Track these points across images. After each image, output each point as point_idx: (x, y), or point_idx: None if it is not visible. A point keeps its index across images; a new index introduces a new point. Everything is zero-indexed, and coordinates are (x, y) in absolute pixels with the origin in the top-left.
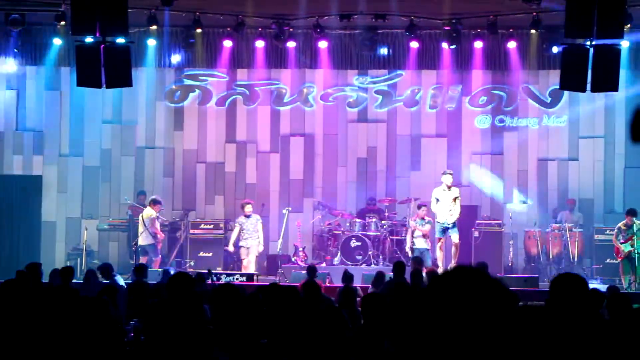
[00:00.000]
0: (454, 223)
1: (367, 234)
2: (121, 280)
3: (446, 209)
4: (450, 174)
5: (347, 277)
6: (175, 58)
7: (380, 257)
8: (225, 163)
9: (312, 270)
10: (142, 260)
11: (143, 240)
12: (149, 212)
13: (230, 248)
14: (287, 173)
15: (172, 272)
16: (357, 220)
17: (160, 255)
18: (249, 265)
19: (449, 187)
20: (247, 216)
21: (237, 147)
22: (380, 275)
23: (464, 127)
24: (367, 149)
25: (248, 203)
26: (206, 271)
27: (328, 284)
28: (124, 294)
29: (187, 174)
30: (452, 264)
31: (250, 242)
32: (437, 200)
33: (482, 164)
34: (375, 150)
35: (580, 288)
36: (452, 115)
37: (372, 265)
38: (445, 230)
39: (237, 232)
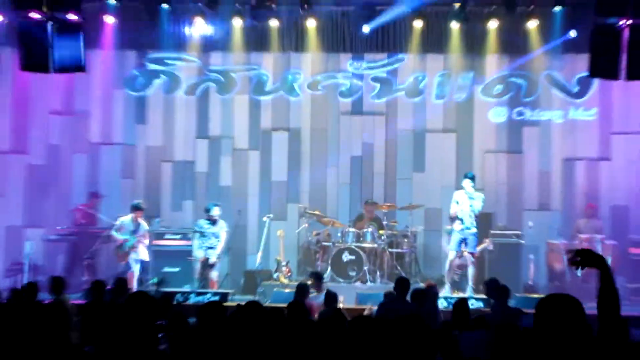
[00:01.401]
0: (475, 233)
1: (362, 245)
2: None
3: (466, 216)
4: (474, 178)
5: (330, 297)
6: (137, 38)
7: (378, 273)
8: (195, 162)
9: (302, 289)
10: (131, 276)
11: (144, 254)
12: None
13: (195, 257)
14: (269, 174)
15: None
16: (351, 229)
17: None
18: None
19: (471, 192)
20: (213, 221)
21: (209, 143)
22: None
23: (476, 120)
24: (362, 146)
25: (216, 205)
26: (161, 288)
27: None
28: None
29: (150, 175)
30: (469, 287)
31: (211, 252)
32: (457, 203)
33: (497, 163)
34: (371, 147)
35: (571, 313)
36: (462, 107)
37: (368, 283)
38: (463, 241)
39: (197, 239)
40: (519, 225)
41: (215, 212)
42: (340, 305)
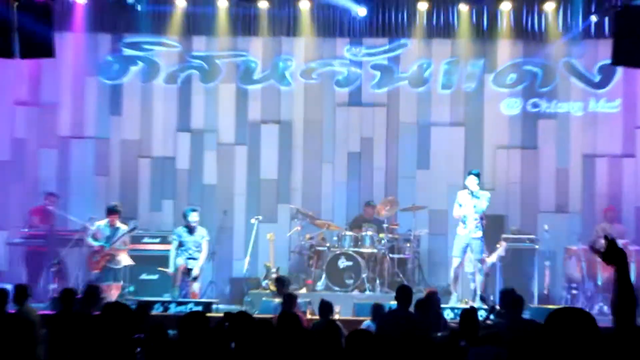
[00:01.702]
0: (481, 237)
1: (361, 250)
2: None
3: (469, 218)
4: (478, 175)
5: (325, 308)
6: (112, 21)
7: (377, 281)
8: (176, 158)
9: (290, 298)
10: (115, 288)
11: (127, 260)
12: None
13: (171, 269)
14: (257, 171)
15: None
16: (348, 233)
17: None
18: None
19: (474, 191)
20: (191, 229)
21: (192, 137)
22: (377, 307)
23: (487, 113)
24: (360, 140)
25: (194, 210)
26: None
27: (310, 316)
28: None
29: (126, 172)
30: (478, 294)
31: (193, 263)
32: (460, 206)
33: (509, 160)
34: (371, 142)
35: (582, 329)
36: (471, 98)
37: (367, 292)
38: (467, 247)
39: (175, 249)
40: (533, 229)
41: (193, 217)
42: (336, 317)
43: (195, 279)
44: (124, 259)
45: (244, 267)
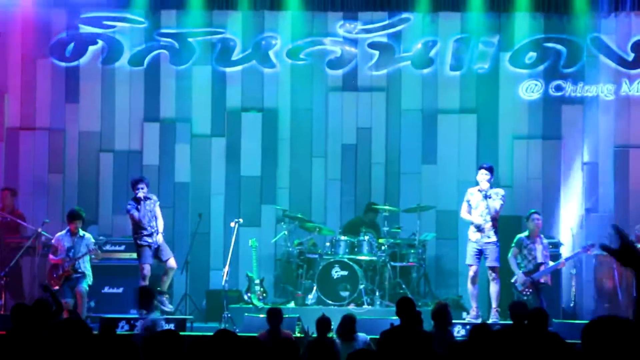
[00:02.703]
0: (495, 242)
1: (358, 258)
2: None
3: (481, 220)
4: (489, 169)
5: (323, 324)
6: None
7: (377, 293)
8: (143, 152)
9: (274, 314)
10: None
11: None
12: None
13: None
14: (237, 167)
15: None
16: (343, 238)
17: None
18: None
19: (484, 189)
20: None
21: (161, 128)
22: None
23: (503, 97)
24: (357, 131)
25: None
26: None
27: (299, 334)
28: None
29: (85, 169)
30: (494, 309)
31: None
32: (469, 204)
33: (529, 152)
34: (369, 132)
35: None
36: (484, 81)
37: (365, 306)
38: (481, 253)
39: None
40: (556, 232)
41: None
42: (331, 334)
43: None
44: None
45: (222, 278)
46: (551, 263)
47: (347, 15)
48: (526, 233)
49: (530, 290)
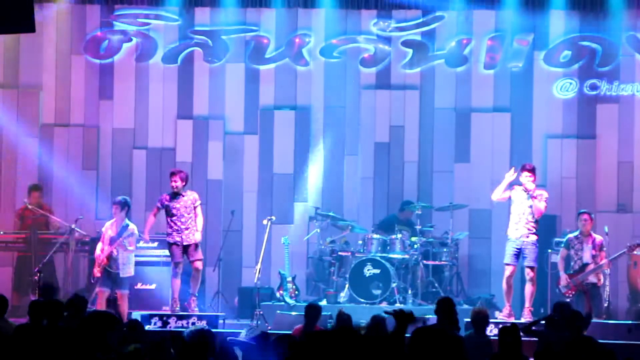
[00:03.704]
0: (535, 242)
1: (390, 257)
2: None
3: (523, 219)
4: (532, 170)
5: (341, 320)
6: None
7: (410, 291)
8: (176, 149)
9: (312, 311)
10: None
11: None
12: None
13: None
14: (270, 165)
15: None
16: (375, 236)
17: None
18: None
19: (530, 190)
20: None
21: (194, 125)
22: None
23: (537, 96)
24: (389, 129)
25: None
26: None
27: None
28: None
29: (118, 165)
30: (526, 308)
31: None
32: (512, 201)
33: (563, 151)
34: (402, 131)
35: None
36: (518, 79)
37: (397, 304)
38: (519, 252)
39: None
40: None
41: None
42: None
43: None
44: (127, 268)
45: (254, 275)
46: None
47: (380, 13)
48: (576, 233)
49: (573, 292)
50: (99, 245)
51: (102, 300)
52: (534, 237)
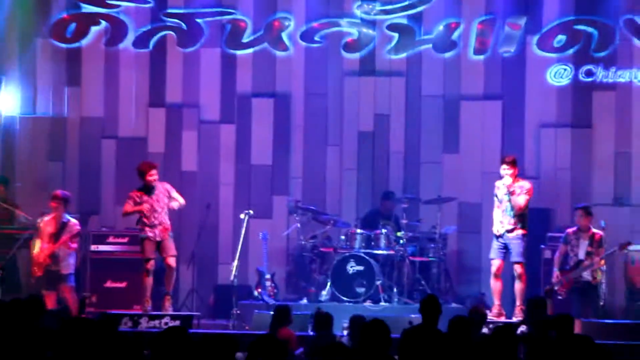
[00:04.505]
0: (520, 236)
1: (375, 252)
2: None
3: (506, 215)
4: (510, 162)
5: (320, 320)
6: None
7: (395, 289)
8: (148, 139)
9: (282, 312)
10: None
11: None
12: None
13: None
14: (248, 156)
15: None
16: (359, 231)
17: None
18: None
19: (510, 182)
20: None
21: (167, 113)
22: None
23: (530, 83)
24: (374, 117)
25: None
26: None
27: (312, 332)
28: None
29: (86, 156)
30: (517, 307)
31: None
32: (496, 198)
33: (557, 141)
34: (387, 120)
35: None
36: (510, 65)
37: (382, 303)
38: (505, 247)
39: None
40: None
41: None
42: (344, 333)
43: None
44: (66, 264)
45: (231, 273)
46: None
47: None
48: (574, 228)
49: (565, 289)
50: (37, 243)
51: (52, 304)
52: (519, 232)
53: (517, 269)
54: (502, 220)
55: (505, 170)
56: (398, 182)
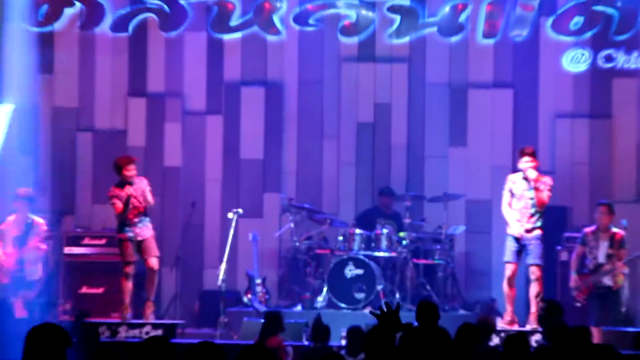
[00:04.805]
0: (539, 237)
1: (375, 255)
2: None
3: (525, 212)
4: (532, 154)
5: (319, 330)
6: None
7: (398, 294)
8: (127, 131)
9: (273, 319)
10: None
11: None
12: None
13: None
14: (237, 149)
15: None
16: (358, 231)
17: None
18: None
19: (530, 178)
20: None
21: (148, 103)
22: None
23: (544, 69)
24: (374, 107)
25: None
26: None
27: (307, 342)
28: None
29: (60, 150)
30: (532, 314)
31: None
32: (512, 194)
33: (574, 133)
34: (388, 109)
35: None
36: (522, 50)
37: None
38: (520, 250)
39: None
40: None
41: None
42: (342, 343)
43: None
44: (33, 270)
45: (218, 277)
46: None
47: None
48: (592, 227)
49: (584, 296)
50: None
51: (20, 312)
52: (538, 232)
53: (535, 272)
54: (520, 219)
55: (528, 163)
56: (400, 177)
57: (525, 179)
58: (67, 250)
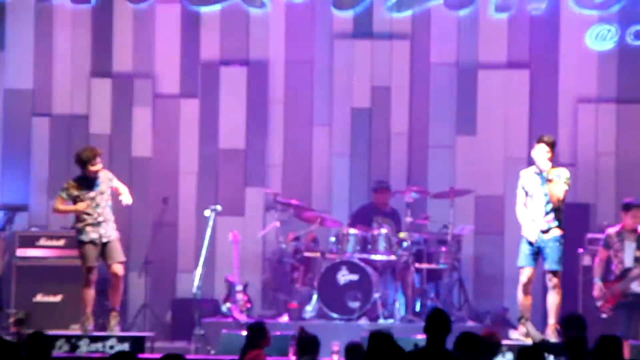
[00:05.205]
0: (558, 238)
1: (371, 258)
2: None
3: (539, 211)
4: (551, 144)
5: (305, 343)
6: None
7: (397, 304)
8: (90, 117)
9: (256, 331)
10: None
11: None
12: None
13: None
14: (215, 138)
15: None
16: (352, 231)
17: None
18: None
19: (544, 170)
20: None
21: (114, 85)
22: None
23: (565, 48)
24: (371, 90)
25: None
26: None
27: (292, 356)
28: None
29: (13, 137)
30: (550, 325)
31: None
32: (526, 193)
33: (598, 120)
34: (387, 92)
35: None
36: (539, 26)
37: (381, 321)
38: (537, 253)
39: None
40: None
41: None
42: (334, 359)
43: None
44: None
45: (194, 282)
46: None
47: None
48: (617, 228)
49: (610, 306)
50: None
51: None
52: (556, 232)
53: (553, 279)
54: (534, 219)
55: (544, 152)
56: (401, 170)
57: (538, 173)
58: (20, 252)
